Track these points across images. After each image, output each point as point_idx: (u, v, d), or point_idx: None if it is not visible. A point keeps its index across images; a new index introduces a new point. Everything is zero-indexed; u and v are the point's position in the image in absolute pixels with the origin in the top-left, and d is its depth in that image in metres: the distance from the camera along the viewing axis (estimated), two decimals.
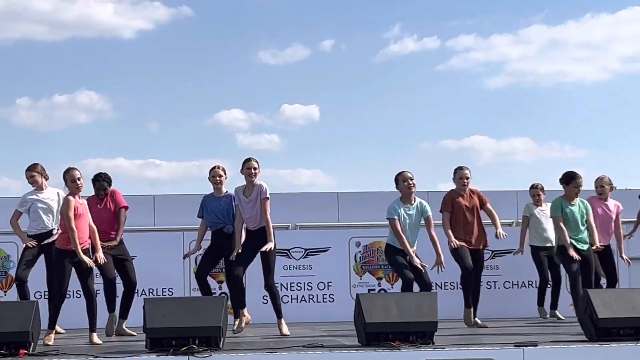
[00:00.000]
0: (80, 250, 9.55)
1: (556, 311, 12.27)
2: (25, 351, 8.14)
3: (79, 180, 9.74)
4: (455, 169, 11.20)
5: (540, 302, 12.35)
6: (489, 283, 11.93)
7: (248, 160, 10.17)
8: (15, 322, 8.22)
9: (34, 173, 10.76)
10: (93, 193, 10.80)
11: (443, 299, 9.29)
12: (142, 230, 14.80)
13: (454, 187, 11.09)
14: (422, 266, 10.23)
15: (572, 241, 10.50)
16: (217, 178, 10.65)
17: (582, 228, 10.73)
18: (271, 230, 10.14)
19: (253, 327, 10.87)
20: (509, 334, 9.89)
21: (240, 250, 10.12)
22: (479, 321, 11.08)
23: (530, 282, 12.82)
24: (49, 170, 10.88)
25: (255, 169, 10.20)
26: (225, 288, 11.75)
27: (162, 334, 8.23)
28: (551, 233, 11.75)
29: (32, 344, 8.32)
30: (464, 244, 10.86)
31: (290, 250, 12.87)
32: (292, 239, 13.09)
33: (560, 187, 10.83)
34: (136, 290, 10.94)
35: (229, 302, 10.33)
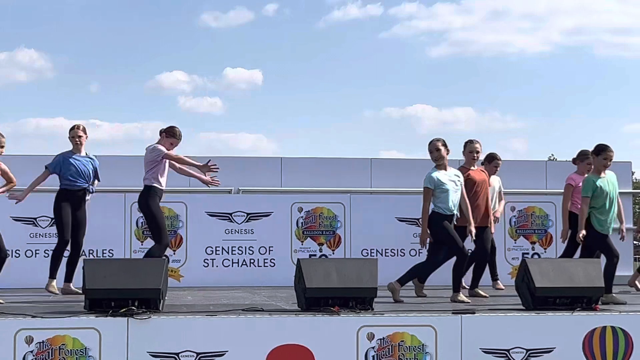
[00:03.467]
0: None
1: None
2: None
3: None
4: (466, 142, 11.07)
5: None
6: None
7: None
8: None
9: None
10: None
11: (383, 266, 9.35)
12: None
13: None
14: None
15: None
16: (77, 139, 10.72)
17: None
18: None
19: (193, 290, 10.85)
20: (449, 302, 10.01)
21: None
22: (480, 291, 10.99)
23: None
24: None
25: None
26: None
27: (101, 295, 8.18)
28: None
29: None
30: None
31: (232, 214, 12.84)
32: (234, 203, 13.03)
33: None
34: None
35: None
